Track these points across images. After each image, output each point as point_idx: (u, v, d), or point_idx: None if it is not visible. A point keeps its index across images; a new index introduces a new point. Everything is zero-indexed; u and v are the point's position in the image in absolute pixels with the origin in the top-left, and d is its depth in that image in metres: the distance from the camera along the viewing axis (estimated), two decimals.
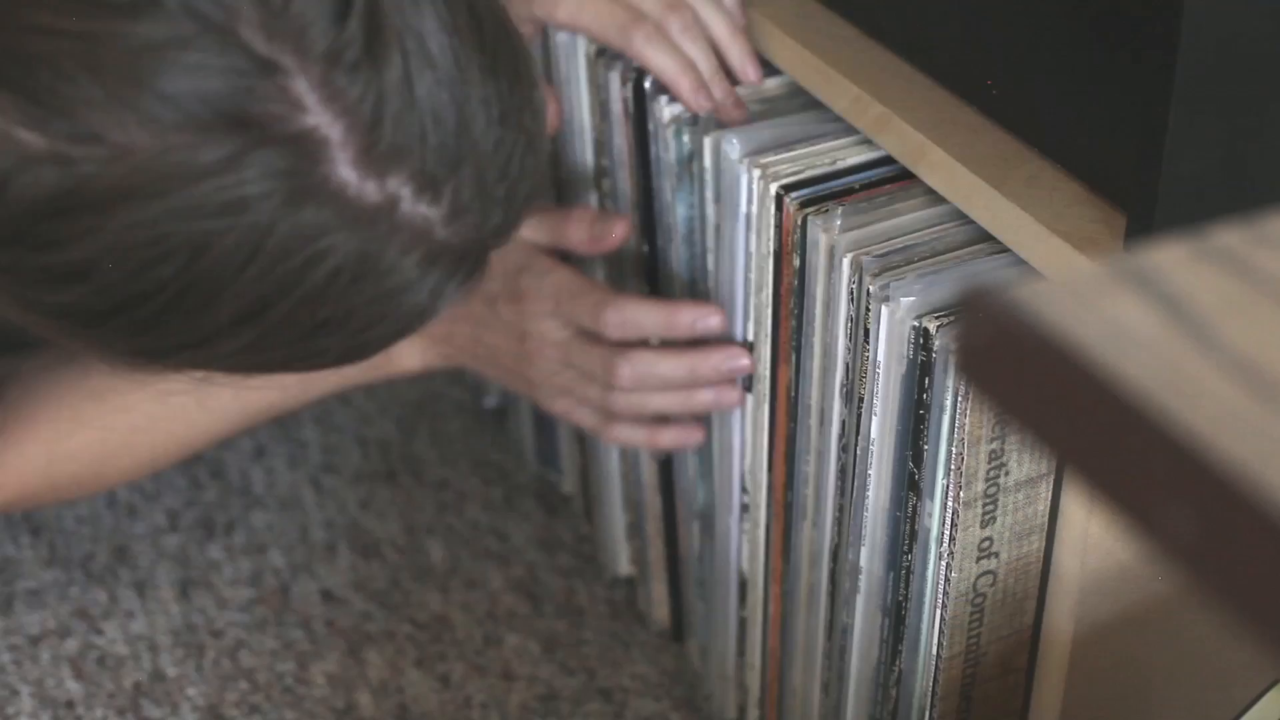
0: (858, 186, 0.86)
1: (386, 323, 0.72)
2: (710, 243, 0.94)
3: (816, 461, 0.90)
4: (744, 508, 1.00)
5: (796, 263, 0.86)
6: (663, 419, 1.00)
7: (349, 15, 0.65)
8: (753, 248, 0.90)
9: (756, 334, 0.93)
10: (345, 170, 0.66)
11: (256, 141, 0.65)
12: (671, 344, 0.98)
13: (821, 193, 0.86)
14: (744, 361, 0.93)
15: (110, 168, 0.64)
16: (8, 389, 1.00)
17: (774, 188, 0.86)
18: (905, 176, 0.85)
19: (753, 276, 0.91)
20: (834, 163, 0.88)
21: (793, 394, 0.91)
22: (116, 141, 0.64)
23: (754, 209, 0.89)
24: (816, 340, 0.87)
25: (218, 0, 0.64)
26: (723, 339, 0.95)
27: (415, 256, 0.70)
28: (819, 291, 0.85)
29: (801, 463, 0.92)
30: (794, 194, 0.86)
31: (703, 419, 1.00)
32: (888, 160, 0.87)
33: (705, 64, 0.91)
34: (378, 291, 0.70)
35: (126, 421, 1.01)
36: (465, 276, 0.73)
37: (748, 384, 0.95)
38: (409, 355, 1.03)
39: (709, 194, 0.93)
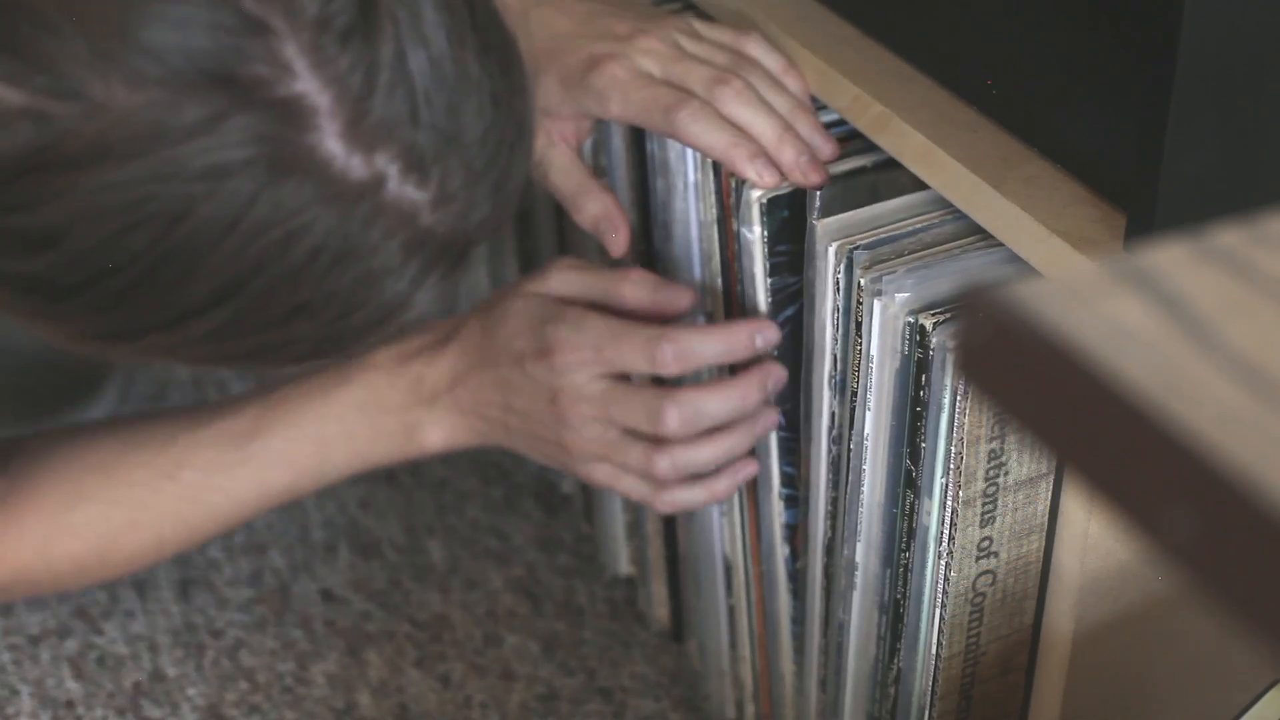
0: None
1: (365, 310, 0.68)
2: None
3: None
4: None
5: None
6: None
7: None
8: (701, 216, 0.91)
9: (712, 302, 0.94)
10: (332, 142, 0.63)
11: (241, 103, 0.62)
12: (661, 380, 0.95)
13: None
14: (784, 372, 0.90)
15: (87, 124, 0.61)
16: (12, 461, 0.96)
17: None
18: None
19: (704, 246, 0.92)
20: None
21: None
22: (96, 97, 0.61)
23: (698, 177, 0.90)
24: (760, 299, 0.88)
25: None
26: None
27: (399, 240, 0.66)
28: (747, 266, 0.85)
29: None
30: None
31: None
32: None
33: (768, 128, 0.85)
34: (358, 275, 0.66)
35: (131, 497, 0.95)
36: (447, 270, 0.70)
37: None
38: (435, 433, 0.95)
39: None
